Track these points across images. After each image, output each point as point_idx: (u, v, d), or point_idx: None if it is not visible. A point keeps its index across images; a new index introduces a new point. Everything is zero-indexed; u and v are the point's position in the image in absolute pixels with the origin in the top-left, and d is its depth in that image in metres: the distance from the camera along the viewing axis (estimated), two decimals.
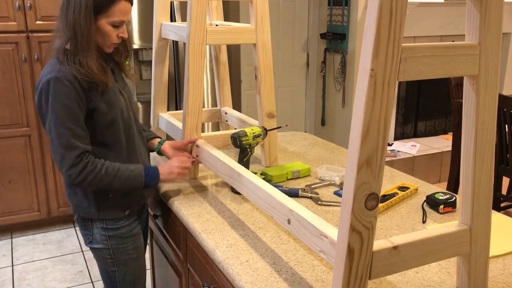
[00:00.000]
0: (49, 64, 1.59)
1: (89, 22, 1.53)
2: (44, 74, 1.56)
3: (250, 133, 1.84)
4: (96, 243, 1.74)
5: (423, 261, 1.11)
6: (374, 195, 0.98)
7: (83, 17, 1.52)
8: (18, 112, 3.26)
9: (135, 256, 1.79)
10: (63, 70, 1.53)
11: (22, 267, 3.09)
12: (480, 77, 1.05)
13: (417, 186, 1.84)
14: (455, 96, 3.46)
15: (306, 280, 1.27)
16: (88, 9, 1.52)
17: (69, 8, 1.53)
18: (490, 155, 1.10)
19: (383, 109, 0.93)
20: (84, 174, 1.54)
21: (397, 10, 0.89)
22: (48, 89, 1.52)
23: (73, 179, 1.55)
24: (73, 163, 1.53)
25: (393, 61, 0.92)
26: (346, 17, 4.23)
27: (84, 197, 1.68)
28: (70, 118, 1.52)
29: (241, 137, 1.81)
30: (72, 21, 1.53)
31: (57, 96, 1.51)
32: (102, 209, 1.68)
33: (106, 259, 1.76)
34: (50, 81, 1.52)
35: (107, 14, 1.56)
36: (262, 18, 1.91)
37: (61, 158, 1.54)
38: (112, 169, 1.59)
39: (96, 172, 1.56)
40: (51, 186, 3.46)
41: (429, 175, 4.46)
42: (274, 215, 1.34)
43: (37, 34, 3.20)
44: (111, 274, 1.79)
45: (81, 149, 1.54)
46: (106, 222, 1.71)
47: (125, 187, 1.63)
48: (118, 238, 1.73)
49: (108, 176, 1.58)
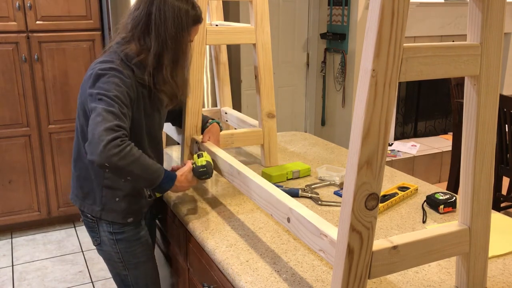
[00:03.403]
0: (107, 61, 1.57)
1: (187, 38, 1.60)
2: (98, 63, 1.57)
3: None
4: (105, 245, 1.73)
5: (423, 261, 1.11)
6: (374, 195, 0.98)
7: (181, 31, 1.56)
8: (18, 112, 3.26)
9: (145, 259, 1.77)
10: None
11: (22, 267, 3.09)
12: (481, 77, 1.05)
13: (417, 186, 1.84)
14: (455, 96, 3.46)
15: (306, 280, 1.27)
16: (188, 24, 1.58)
17: (163, 23, 1.54)
18: (490, 155, 1.10)
19: (384, 110, 0.93)
20: (114, 143, 1.42)
21: (399, 10, 0.89)
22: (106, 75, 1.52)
23: (104, 143, 1.40)
24: (111, 128, 1.43)
25: (394, 61, 0.92)
26: (346, 17, 4.23)
27: (91, 193, 1.67)
28: (122, 100, 1.51)
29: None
30: (166, 35, 1.54)
31: (114, 81, 1.51)
32: (106, 210, 1.67)
33: (116, 263, 1.75)
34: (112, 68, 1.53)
35: (189, 31, 1.61)
36: (262, 18, 1.91)
37: (102, 119, 1.44)
38: (136, 151, 1.48)
39: (123, 147, 1.43)
40: (51, 186, 3.45)
41: (429, 175, 4.46)
42: (274, 213, 1.34)
43: (37, 34, 3.20)
44: (124, 278, 1.78)
45: (124, 125, 1.48)
46: (113, 226, 1.69)
47: (142, 176, 1.51)
48: (126, 242, 1.72)
49: (132, 156, 1.45)
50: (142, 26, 1.56)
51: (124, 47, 1.59)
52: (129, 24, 1.59)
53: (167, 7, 1.54)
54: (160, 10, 1.53)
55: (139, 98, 1.60)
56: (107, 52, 1.63)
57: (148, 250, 1.79)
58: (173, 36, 1.55)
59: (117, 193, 1.66)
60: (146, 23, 1.55)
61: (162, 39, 1.54)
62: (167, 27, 1.54)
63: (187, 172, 1.64)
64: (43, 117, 3.32)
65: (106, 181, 1.64)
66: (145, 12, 1.55)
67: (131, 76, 1.56)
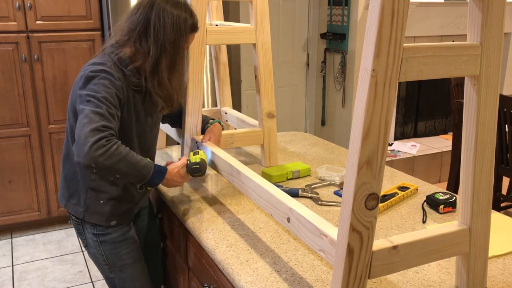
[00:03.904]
0: (99, 63, 1.58)
1: (184, 44, 1.63)
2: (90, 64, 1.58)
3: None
4: (91, 247, 1.73)
5: (423, 261, 1.11)
6: (374, 195, 0.98)
7: (179, 37, 1.59)
8: (18, 112, 3.26)
9: (131, 262, 1.76)
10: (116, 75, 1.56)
11: (22, 267, 3.09)
12: (481, 77, 1.05)
13: (417, 186, 1.84)
14: (455, 96, 3.46)
15: (306, 280, 1.27)
16: (186, 31, 1.61)
17: (162, 28, 1.56)
18: (490, 155, 1.10)
19: (384, 110, 0.93)
20: (99, 143, 1.43)
21: (399, 10, 0.89)
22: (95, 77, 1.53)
23: (90, 144, 1.41)
24: (96, 128, 1.43)
25: (394, 61, 0.92)
26: (346, 17, 4.23)
27: (76, 194, 1.67)
28: (110, 101, 1.52)
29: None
30: (164, 40, 1.56)
31: (104, 82, 1.53)
32: (89, 211, 1.66)
33: (102, 265, 1.75)
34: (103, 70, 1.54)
35: (187, 38, 1.64)
36: (262, 18, 1.91)
37: (89, 120, 1.44)
38: (124, 149, 1.49)
39: (109, 147, 1.44)
40: (51, 186, 3.45)
41: (429, 175, 4.46)
42: (274, 213, 1.34)
43: (37, 34, 3.20)
44: (112, 280, 1.78)
45: (110, 125, 1.48)
46: (96, 228, 1.69)
47: (130, 173, 1.52)
48: (111, 243, 1.71)
49: (118, 155, 1.46)
50: (140, 30, 1.57)
51: (118, 51, 1.60)
52: (126, 27, 1.61)
53: (167, 14, 1.56)
54: (159, 16, 1.56)
55: (129, 101, 1.60)
56: (100, 53, 1.64)
57: (134, 251, 1.77)
58: (171, 42, 1.58)
59: (101, 196, 1.66)
60: (145, 27, 1.57)
61: (161, 44, 1.56)
62: (166, 32, 1.56)
63: (180, 167, 1.65)
64: (43, 117, 3.32)
65: (92, 183, 1.64)
66: (143, 17, 1.57)
67: (122, 79, 1.57)
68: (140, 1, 1.61)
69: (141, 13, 1.58)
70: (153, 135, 1.78)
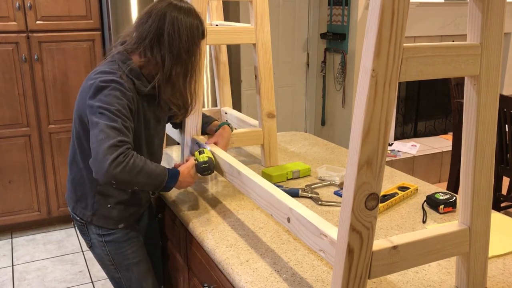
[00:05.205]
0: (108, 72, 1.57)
1: (197, 51, 1.64)
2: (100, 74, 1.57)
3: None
4: (96, 248, 1.73)
5: (423, 261, 1.11)
6: (374, 195, 0.98)
7: (193, 44, 1.61)
8: (18, 112, 3.26)
9: (136, 261, 1.77)
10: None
11: (22, 267, 3.09)
12: (481, 77, 1.05)
13: (417, 186, 1.84)
14: (455, 96, 3.46)
15: (306, 280, 1.27)
16: (199, 38, 1.63)
17: (177, 37, 1.57)
18: (490, 155, 1.10)
19: (384, 110, 0.93)
20: (118, 160, 1.43)
21: (399, 10, 0.89)
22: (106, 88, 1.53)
23: (109, 161, 1.42)
24: (114, 144, 1.44)
25: (394, 61, 0.92)
26: (346, 17, 4.23)
27: (84, 197, 1.67)
28: (123, 113, 1.52)
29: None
30: (180, 48, 1.57)
31: (115, 94, 1.53)
32: (97, 215, 1.67)
33: (108, 266, 1.75)
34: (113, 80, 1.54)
35: (199, 45, 1.65)
36: (262, 18, 1.91)
37: (106, 136, 1.44)
38: (140, 160, 1.49)
39: (127, 162, 1.45)
40: (51, 186, 3.45)
41: (429, 175, 4.46)
42: (274, 213, 1.34)
43: (37, 34, 3.20)
44: (118, 280, 1.78)
45: (126, 139, 1.49)
46: (101, 228, 1.69)
47: (148, 183, 1.53)
48: (116, 243, 1.72)
49: (135, 167, 1.47)
50: (151, 39, 1.57)
51: (128, 60, 1.59)
52: (135, 36, 1.60)
53: (180, 22, 1.57)
54: (173, 25, 1.56)
55: (139, 111, 1.62)
56: (107, 60, 1.63)
57: (139, 250, 1.78)
58: (186, 50, 1.59)
59: (109, 200, 1.66)
60: (157, 36, 1.57)
61: (177, 52, 1.57)
62: (181, 41, 1.57)
63: (190, 168, 1.66)
64: (43, 117, 3.32)
65: (100, 187, 1.65)
66: (156, 26, 1.56)
67: (132, 89, 1.57)
68: (149, 10, 1.60)
69: (153, 22, 1.57)
70: (160, 138, 1.79)
